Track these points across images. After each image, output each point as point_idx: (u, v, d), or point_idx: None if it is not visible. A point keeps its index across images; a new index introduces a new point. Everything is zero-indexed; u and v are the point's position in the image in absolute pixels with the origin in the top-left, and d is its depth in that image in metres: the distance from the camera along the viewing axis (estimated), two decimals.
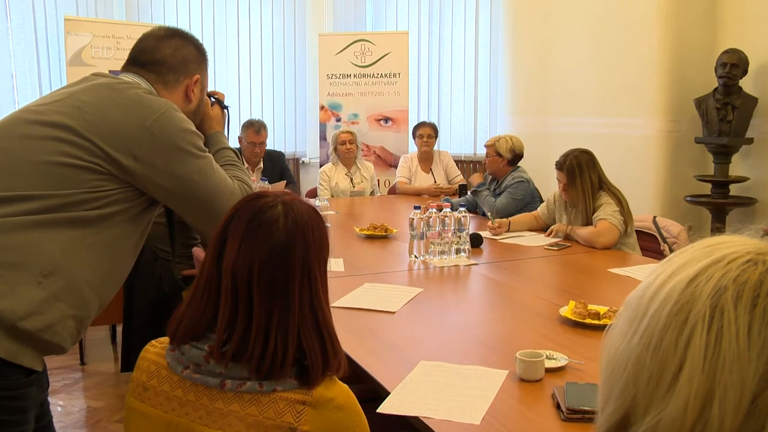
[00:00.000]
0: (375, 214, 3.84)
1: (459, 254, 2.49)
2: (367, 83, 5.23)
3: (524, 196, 3.40)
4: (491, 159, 3.47)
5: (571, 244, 2.76)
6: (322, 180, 4.42)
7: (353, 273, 2.26)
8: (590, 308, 1.76)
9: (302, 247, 0.96)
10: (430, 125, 4.62)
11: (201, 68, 1.45)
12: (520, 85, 5.38)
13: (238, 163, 1.51)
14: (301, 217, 0.97)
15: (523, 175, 3.45)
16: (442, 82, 5.78)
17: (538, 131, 5.25)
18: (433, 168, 4.64)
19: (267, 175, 3.82)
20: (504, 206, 3.37)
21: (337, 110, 5.26)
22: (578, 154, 2.81)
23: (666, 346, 0.44)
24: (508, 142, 3.45)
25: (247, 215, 0.97)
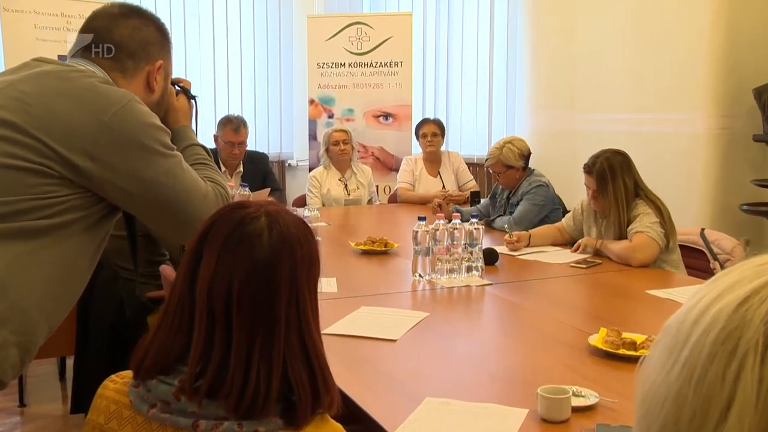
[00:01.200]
0: (373, 226, 3.85)
1: (471, 273, 2.50)
2: (364, 74, 5.26)
3: (545, 201, 3.42)
4: (504, 176, 3.48)
5: (601, 261, 2.77)
6: (311, 186, 4.43)
7: (348, 294, 2.27)
8: (625, 337, 1.76)
9: (289, 264, 0.96)
10: (435, 122, 4.66)
11: (164, 53, 1.45)
12: (543, 75, 5.42)
13: (210, 162, 1.52)
14: (287, 230, 0.98)
15: (540, 179, 3.47)
16: (452, 72, 5.82)
17: (562, 129, 5.28)
18: (441, 172, 4.66)
19: (247, 181, 3.83)
20: (524, 214, 3.39)
21: (330, 105, 5.29)
22: (610, 156, 2.81)
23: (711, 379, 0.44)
24: (512, 148, 3.45)
25: (225, 228, 0.97)
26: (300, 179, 5.55)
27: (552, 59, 5.28)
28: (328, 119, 5.25)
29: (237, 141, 4.16)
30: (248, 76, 5.53)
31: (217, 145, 4.24)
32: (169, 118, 1.53)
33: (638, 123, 4.54)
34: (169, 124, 1.48)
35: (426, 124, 4.65)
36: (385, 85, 5.26)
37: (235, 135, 4.16)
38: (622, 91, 4.66)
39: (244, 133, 4.22)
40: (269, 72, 5.58)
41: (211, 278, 0.95)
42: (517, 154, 3.45)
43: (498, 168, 3.49)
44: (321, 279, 1.02)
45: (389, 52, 5.25)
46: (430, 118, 4.80)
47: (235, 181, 4.10)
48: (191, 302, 0.96)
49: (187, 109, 1.59)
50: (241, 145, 4.19)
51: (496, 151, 3.49)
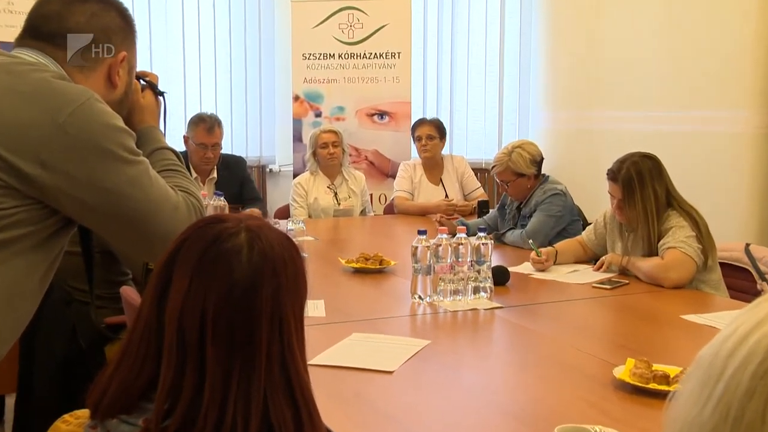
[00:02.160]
0: (366, 241, 3.85)
1: (478, 294, 2.50)
2: (357, 66, 5.29)
3: (563, 212, 3.43)
4: (513, 185, 3.49)
5: (628, 281, 2.78)
6: (296, 195, 4.45)
7: (338, 319, 2.27)
8: (655, 369, 1.77)
9: (272, 286, 0.97)
10: (432, 123, 4.68)
11: (128, 42, 1.45)
12: (561, 68, 5.46)
13: (182, 169, 1.52)
14: (270, 247, 0.99)
15: (556, 187, 3.49)
16: (457, 65, 5.87)
17: (583, 128, 5.32)
18: (444, 179, 4.68)
19: (223, 188, 3.83)
20: (538, 227, 3.40)
21: (317, 102, 5.31)
22: (638, 160, 2.82)
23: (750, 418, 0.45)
24: (522, 153, 3.47)
25: (199, 245, 0.98)
26: (283, 187, 5.56)
27: (572, 50, 5.33)
28: (315, 118, 5.28)
29: (210, 143, 4.17)
30: (223, 68, 5.55)
31: (188, 148, 4.25)
32: (134, 117, 1.54)
33: (671, 122, 4.57)
34: (133, 125, 1.47)
35: (421, 125, 4.68)
36: (381, 80, 5.29)
37: (208, 136, 4.17)
38: (652, 85, 4.70)
39: (219, 134, 4.23)
40: (247, 64, 5.60)
41: (182, 302, 0.96)
42: (528, 160, 3.45)
43: (506, 176, 3.50)
44: (308, 302, 1.03)
45: (385, 41, 5.28)
46: (426, 118, 4.83)
47: (209, 189, 4.11)
48: (159, 330, 0.97)
49: (154, 107, 1.59)
50: (215, 147, 4.20)
51: (503, 156, 3.50)
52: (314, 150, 4.46)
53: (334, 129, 4.55)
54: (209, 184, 4.22)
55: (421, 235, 2.47)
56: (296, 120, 5.31)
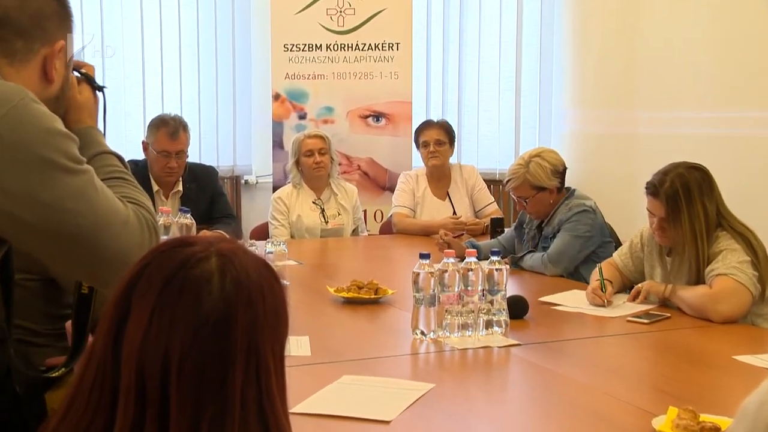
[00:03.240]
0: (359, 266, 3.85)
1: (491, 329, 2.51)
2: (348, 59, 5.32)
3: (591, 231, 3.44)
4: (533, 201, 3.50)
5: (670, 315, 2.78)
6: (276, 212, 4.46)
7: (325, 359, 2.27)
8: (703, 420, 1.77)
9: (248, 321, 0.97)
10: (441, 125, 4.71)
11: (65, 29, 1.46)
12: (590, 61, 5.50)
13: (128, 176, 1.52)
14: (245, 275, 0.99)
15: (583, 202, 3.50)
16: (466, 57, 5.91)
17: (616, 132, 5.35)
18: (451, 192, 4.70)
19: (190, 204, 3.83)
20: (563, 250, 3.41)
21: (301, 101, 5.34)
22: (684, 172, 2.82)
23: None
24: (541, 163, 3.48)
25: (162, 272, 0.99)
26: (260, 202, 5.56)
27: (604, 38, 5.36)
28: (299, 121, 5.30)
29: (174, 150, 4.18)
30: (189, 61, 5.57)
31: (148, 156, 4.25)
32: (70, 116, 1.52)
33: (722, 124, 4.59)
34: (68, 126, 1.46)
35: (428, 128, 4.69)
36: (376, 75, 5.33)
37: (171, 142, 4.18)
38: (700, 80, 4.71)
39: (184, 140, 4.24)
40: (218, 57, 5.62)
41: (142, 340, 0.96)
42: (548, 171, 3.47)
43: (524, 191, 3.51)
44: (290, 339, 1.04)
45: (382, 30, 5.32)
46: (434, 120, 4.85)
47: (173, 205, 4.12)
48: (114, 373, 0.97)
49: (92, 105, 1.58)
50: (180, 155, 4.21)
51: (519, 168, 3.51)
52: (297, 158, 4.47)
53: (321, 133, 4.57)
54: (173, 199, 4.23)
55: (423, 259, 2.48)
56: (276, 123, 5.34)
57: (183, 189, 4.27)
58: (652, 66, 5.03)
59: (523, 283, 3.33)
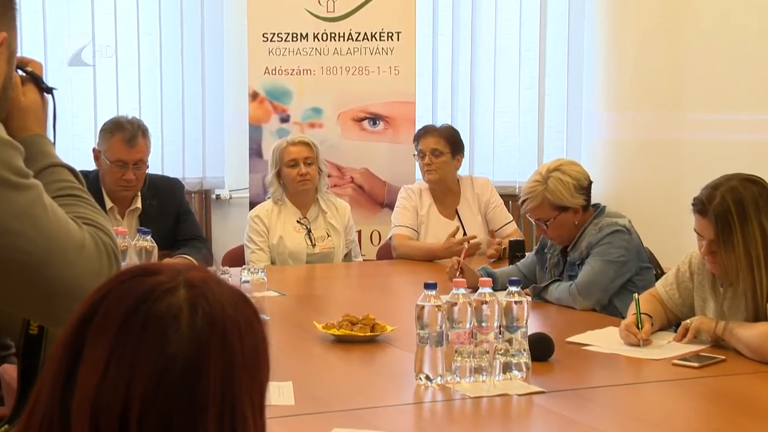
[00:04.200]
0: (353, 297, 3.86)
1: (509, 373, 2.50)
2: (340, 51, 5.34)
3: (627, 256, 3.43)
4: (555, 224, 3.46)
5: (725, 357, 2.76)
6: (253, 233, 4.45)
7: (312, 409, 2.27)
8: None
9: (222, 364, 0.98)
10: (440, 132, 4.66)
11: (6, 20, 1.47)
12: (628, 54, 5.51)
13: (84, 193, 1.54)
14: (220, 310, 1.00)
15: (616, 221, 3.48)
16: (480, 50, 5.93)
17: (659, 138, 5.36)
18: (462, 210, 4.69)
19: (150, 224, 3.83)
20: (593, 279, 3.39)
21: (283, 101, 5.35)
22: (738, 186, 2.81)
23: None
24: (562, 178, 3.44)
25: (122, 306, 0.99)
26: (235, 221, 5.57)
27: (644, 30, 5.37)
28: (281, 124, 5.32)
29: (132, 159, 4.17)
30: (149, 54, 5.58)
31: (100, 167, 4.24)
32: (13, 122, 1.53)
33: None
34: (11, 133, 1.47)
35: (424, 136, 4.66)
36: (373, 70, 5.34)
37: (128, 149, 4.16)
38: (758, 78, 4.72)
39: (144, 147, 4.22)
40: (184, 48, 5.64)
41: (97, 387, 0.96)
42: (571, 187, 3.46)
43: (543, 212, 3.49)
44: (270, 385, 1.05)
45: (379, 16, 5.34)
46: (433, 125, 4.81)
47: (130, 225, 4.11)
48: (63, 426, 0.97)
49: (39, 109, 1.59)
50: (139, 165, 4.19)
51: (536, 186, 3.48)
52: (279, 169, 4.47)
53: (307, 140, 4.56)
54: (130, 218, 4.22)
55: (429, 289, 2.48)
56: (254, 127, 5.35)
57: (142, 206, 4.25)
58: (703, 60, 5.04)
59: (548, 319, 3.33)
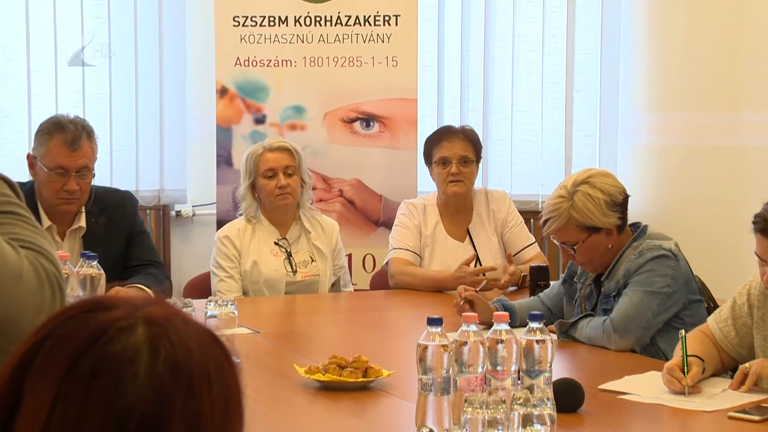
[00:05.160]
0: (342, 335, 3.86)
1: (531, 427, 2.51)
2: (326, 38, 5.35)
3: (673, 287, 3.43)
4: (584, 248, 3.41)
5: None
6: (222, 258, 4.44)
7: None
8: None
9: (188, 417, 0.99)
10: (466, 135, 4.67)
11: None
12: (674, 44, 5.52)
13: (23, 211, 1.55)
14: (185, 352, 1.02)
15: (660, 244, 3.47)
16: (495, 37, 5.94)
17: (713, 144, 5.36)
18: (474, 230, 4.68)
19: (96, 247, 3.83)
20: (632, 314, 3.37)
21: (258, 99, 5.37)
22: None
23: None
24: (590, 194, 3.38)
25: (69, 348, 1.00)
26: (199, 242, 5.58)
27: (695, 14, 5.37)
28: (256, 126, 5.34)
29: (75, 166, 4.15)
30: (94, 44, 5.58)
31: (35, 176, 4.23)
32: None
33: None
34: None
35: (448, 138, 4.64)
36: (367, 61, 5.36)
37: (70, 154, 4.14)
38: None
39: (90, 152, 4.20)
40: (138, 35, 5.64)
41: None
42: (602, 203, 3.44)
43: (570, 235, 3.47)
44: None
45: None
46: (453, 126, 4.82)
47: (71, 248, 4.10)
48: None
49: None
50: (84, 174, 4.17)
51: (560, 203, 3.45)
52: (253, 181, 4.48)
53: (287, 145, 4.56)
54: (72, 239, 4.21)
55: (433, 326, 2.49)
56: (222, 129, 5.36)
57: (86, 224, 4.22)
58: (765, 51, 5.06)
59: (577, 362, 3.34)
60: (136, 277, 4.11)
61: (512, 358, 2.50)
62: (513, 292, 4.29)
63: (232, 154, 5.27)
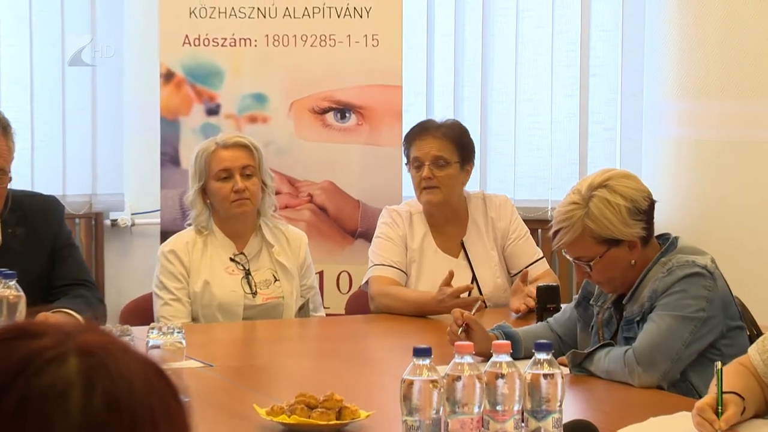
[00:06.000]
0: (311, 369, 3.86)
1: None
2: (293, 13, 5.36)
3: (709, 311, 3.43)
4: (602, 264, 3.39)
5: None
6: (167, 276, 4.44)
7: None
8: None
9: None
10: (444, 131, 4.65)
11: None
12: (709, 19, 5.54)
13: None
14: (126, 387, 1.03)
15: (694, 260, 3.47)
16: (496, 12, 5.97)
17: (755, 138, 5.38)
18: (470, 243, 4.70)
19: (14, 263, 3.83)
20: (660, 341, 3.37)
21: (211, 85, 5.39)
22: None
23: None
24: (610, 200, 3.33)
25: None
26: (139, 258, 5.59)
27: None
28: (208, 118, 5.36)
29: None
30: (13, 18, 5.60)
31: None
32: None
33: None
34: None
35: (423, 136, 4.64)
36: (342, 40, 5.38)
37: None
38: None
39: (4, 150, 4.19)
40: (64, 8, 5.64)
41: None
42: (623, 211, 3.43)
43: (584, 248, 3.45)
44: None
45: None
46: (433, 120, 4.81)
47: None
48: None
49: None
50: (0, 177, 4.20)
51: (573, 210, 3.43)
52: (204, 184, 4.49)
53: (245, 141, 4.57)
54: None
55: (420, 357, 2.51)
56: (168, 122, 5.37)
57: (2, 237, 4.25)
58: None
59: (592, 400, 3.35)
60: (63, 300, 4.10)
61: (515, 395, 2.51)
62: (517, 318, 4.29)
63: (179, 152, 5.29)
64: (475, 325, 3.61)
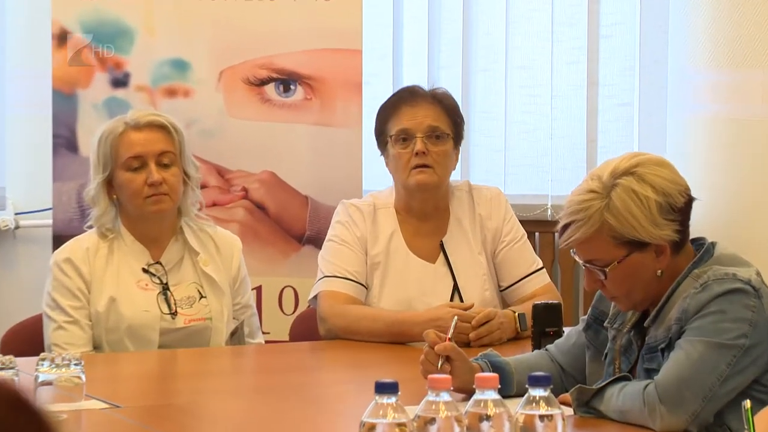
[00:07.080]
0: (246, 411, 3.88)
1: None
2: None
3: (752, 337, 3.45)
4: (619, 272, 3.38)
5: None
6: (61, 293, 4.43)
7: None
8: None
9: None
10: (436, 98, 4.69)
11: None
12: None
13: None
14: None
15: (734, 273, 3.47)
16: None
17: None
18: (450, 244, 4.71)
19: None
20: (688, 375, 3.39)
21: (118, 48, 5.40)
22: None
23: None
24: (636, 192, 3.29)
25: None
26: (26, 269, 5.59)
27: None
28: (114, 91, 5.38)
29: None
30: None
31: None
32: None
33: None
34: None
35: (409, 102, 4.68)
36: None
37: None
38: None
39: None
40: None
41: None
42: (654, 206, 3.43)
43: (600, 249, 3.44)
44: None
45: None
46: (421, 88, 4.83)
47: None
48: None
49: None
50: None
51: (590, 199, 3.41)
52: (110, 175, 4.49)
53: (162, 120, 4.58)
54: None
55: (384, 395, 2.52)
56: (62, 96, 5.39)
57: None
58: None
59: None
60: None
61: None
62: (506, 343, 4.31)
63: (77, 135, 5.30)
64: (454, 353, 3.57)
